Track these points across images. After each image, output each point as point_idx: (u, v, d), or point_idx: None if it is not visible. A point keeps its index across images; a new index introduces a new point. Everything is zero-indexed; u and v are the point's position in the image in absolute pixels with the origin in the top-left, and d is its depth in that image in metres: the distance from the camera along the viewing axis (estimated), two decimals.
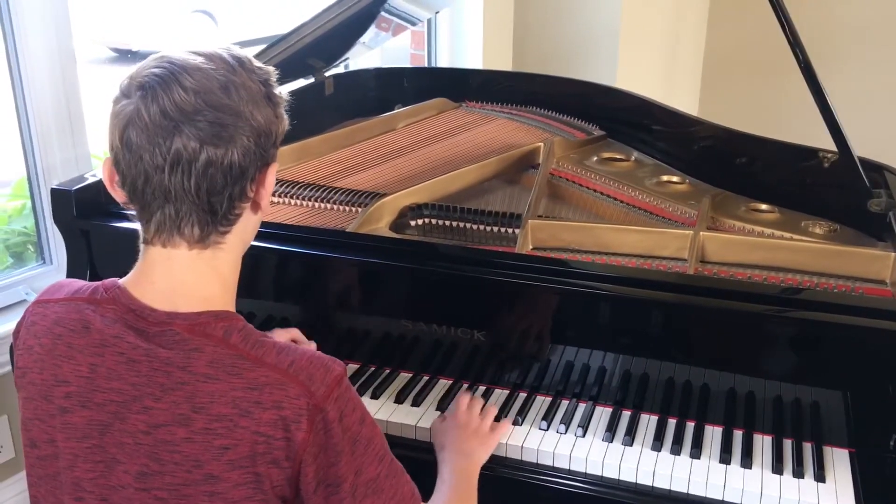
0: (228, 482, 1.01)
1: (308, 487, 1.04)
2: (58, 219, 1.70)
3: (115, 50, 6.04)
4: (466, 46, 3.19)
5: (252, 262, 1.56)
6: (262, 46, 2.00)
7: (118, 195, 1.08)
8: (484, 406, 1.50)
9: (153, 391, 1.03)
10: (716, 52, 3.99)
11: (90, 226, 1.67)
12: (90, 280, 1.43)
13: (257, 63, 1.10)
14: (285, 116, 1.13)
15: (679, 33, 3.77)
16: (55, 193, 1.68)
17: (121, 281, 1.10)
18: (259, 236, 1.57)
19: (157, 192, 1.03)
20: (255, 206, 1.11)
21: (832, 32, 3.83)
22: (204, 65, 1.03)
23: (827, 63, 3.77)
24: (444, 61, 3.21)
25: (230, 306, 1.12)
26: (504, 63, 3.29)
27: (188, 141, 1.00)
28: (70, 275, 1.72)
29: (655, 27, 3.50)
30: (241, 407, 1.01)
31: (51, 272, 2.19)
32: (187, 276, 1.08)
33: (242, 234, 1.12)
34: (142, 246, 1.10)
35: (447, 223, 1.77)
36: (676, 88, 3.85)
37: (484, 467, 1.38)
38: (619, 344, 1.51)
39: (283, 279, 1.68)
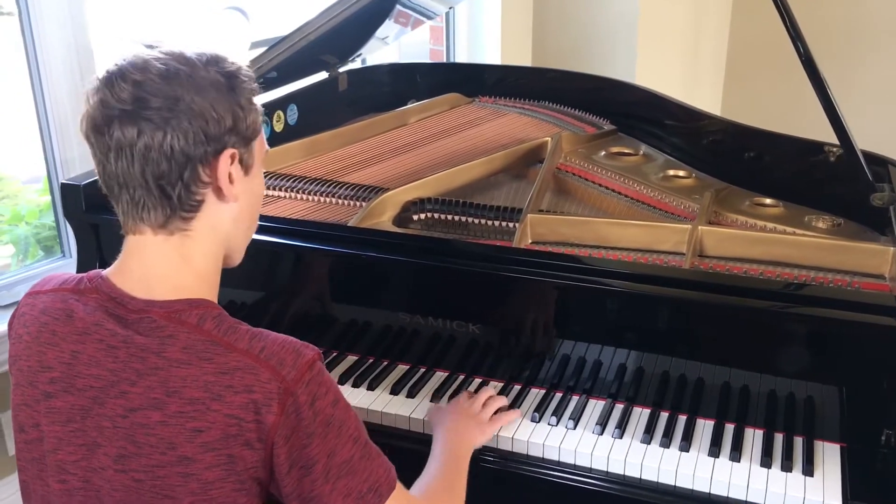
0: (201, 463, 1.04)
1: (281, 469, 1.06)
2: (68, 213, 1.74)
3: (150, 48, 6.13)
4: (485, 42, 3.20)
5: (252, 255, 1.60)
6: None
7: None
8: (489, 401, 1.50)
9: (129, 376, 1.07)
10: (740, 45, 3.96)
11: (99, 220, 1.71)
12: None
13: (231, 59, 1.12)
14: (254, 108, 1.14)
15: (700, 26, 3.74)
16: (65, 188, 1.72)
17: (104, 271, 1.15)
18: (259, 230, 1.61)
19: (112, 180, 1.08)
20: (220, 194, 1.11)
21: (862, 26, 3.78)
22: (152, 58, 1.06)
23: (855, 57, 3.75)
24: (462, 57, 3.22)
25: (209, 297, 1.14)
26: (523, 58, 3.29)
27: (126, 128, 1.04)
28: (80, 268, 1.76)
29: (675, 20, 3.48)
30: (213, 391, 1.04)
31: (70, 266, 2.24)
32: (157, 264, 1.11)
33: (212, 223, 1.13)
34: (123, 236, 1.14)
35: (449, 217, 1.79)
36: (698, 82, 3.82)
37: (473, 457, 1.38)
38: (614, 338, 1.51)
39: (283, 272, 1.71)
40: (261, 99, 1.18)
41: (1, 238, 2.33)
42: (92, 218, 1.72)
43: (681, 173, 2.01)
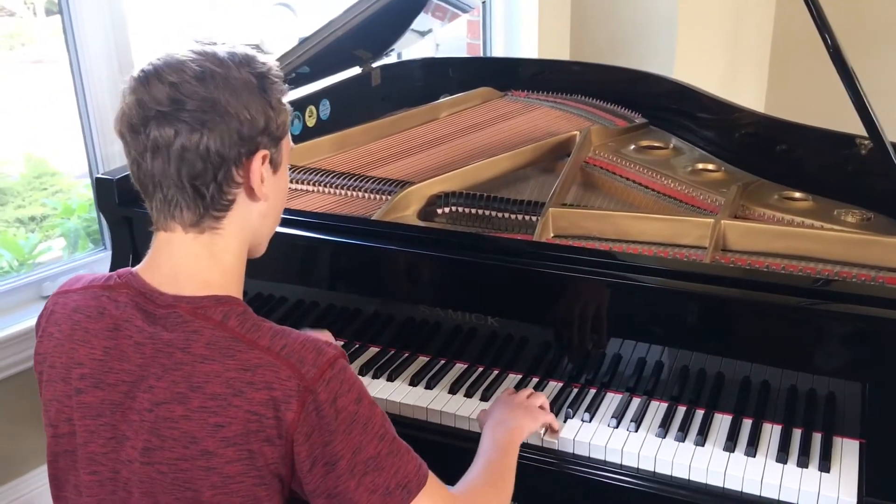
0: (223, 458, 1.06)
1: (303, 466, 1.07)
2: (102, 206, 1.79)
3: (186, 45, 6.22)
4: (522, 36, 3.20)
5: (277, 248, 1.64)
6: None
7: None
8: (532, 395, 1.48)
9: (156, 371, 1.09)
10: (784, 39, 3.89)
11: (132, 213, 1.75)
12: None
13: (261, 59, 1.15)
14: (284, 109, 1.16)
15: (741, 21, 3.69)
16: (99, 182, 1.77)
17: (134, 268, 1.17)
18: (283, 223, 1.64)
19: (147, 178, 1.10)
20: (251, 193, 1.14)
21: None
22: (187, 58, 1.09)
23: (893, 49, 3.65)
24: (499, 51, 3.22)
25: (234, 292, 1.16)
26: (561, 53, 3.28)
27: (163, 129, 1.06)
28: (114, 260, 1.81)
29: (716, 13, 3.44)
30: (235, 387, 1.06)
31: (108, 257, 2.29)
32: (186, 260, 1.13)
33: (242, 222, 1.15)
34: (153, 232, 1.16)
35: (473, 211, 1.79)
36: (739, 78, 3.77)
37: None
38: (633, 332, 1.51)
39: (307, 265, 1.73)
40: (293, 94, 1.20)
41: (53, 231, 2.40)
42: (125, 211, 1.76)
43: (710, 167, 2.00)
